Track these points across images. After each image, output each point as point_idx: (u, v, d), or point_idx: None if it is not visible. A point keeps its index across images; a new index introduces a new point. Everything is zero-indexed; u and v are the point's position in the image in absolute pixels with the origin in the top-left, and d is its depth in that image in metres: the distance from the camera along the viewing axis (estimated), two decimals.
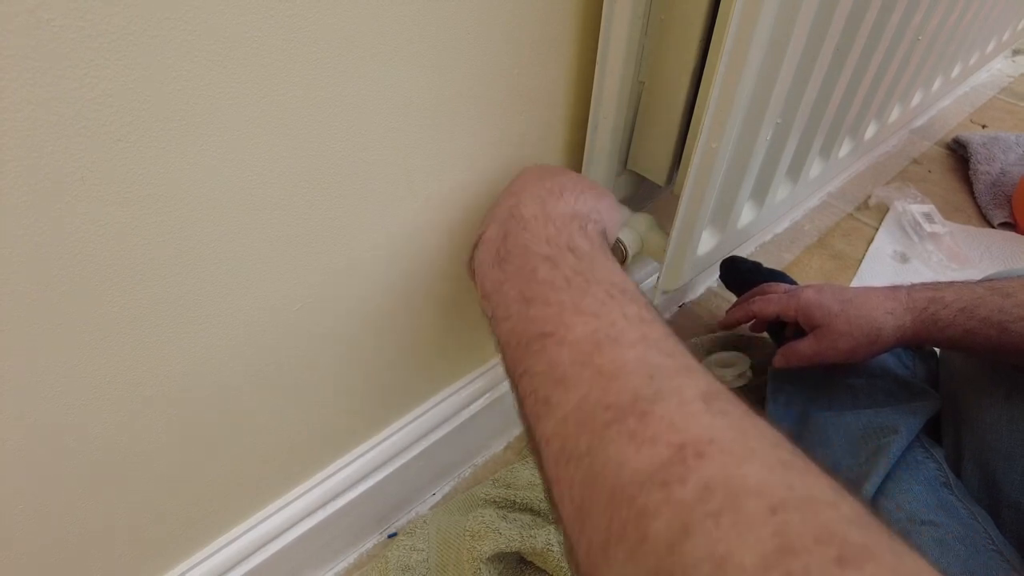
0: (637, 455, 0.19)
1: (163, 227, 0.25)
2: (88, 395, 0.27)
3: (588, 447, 0.20)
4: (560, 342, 0.23)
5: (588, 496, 0.19)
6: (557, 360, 0.23)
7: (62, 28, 0.19)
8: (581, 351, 0.23)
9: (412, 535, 0.50)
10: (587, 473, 0.20)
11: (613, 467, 0.19)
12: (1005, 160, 0.94)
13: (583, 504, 0.20)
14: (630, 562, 0.17)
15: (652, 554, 0.17)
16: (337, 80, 0.27)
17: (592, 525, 0.19)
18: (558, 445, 0.21)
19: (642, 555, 0.17)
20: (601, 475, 0.19)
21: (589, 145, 0.39)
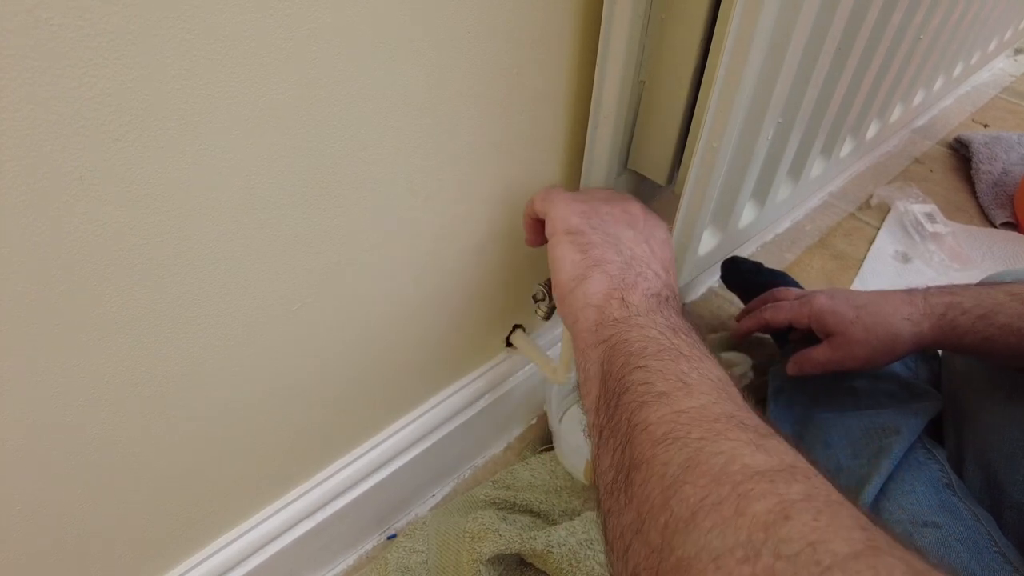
0: (751, 456, 0.20)
1: (162, 227, 0.25)
2: (87, 395, 0.27)
3: (700, 437, 0.21)
4: (694, 366, 0.25)
5: (684, 476, 0.20)
6: (687, 372, 0.24)
7: (60, 27, 0.19)
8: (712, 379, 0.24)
9: (412, 536, 0.50)
10: (691, 456, 0.20)
11: (723, 458, 0.20)
12: (1007, 159, 0.94)
13: (675, 482, 0.20)
14: (716, 529, 0.18)
15: (745, 527, 0.18)
16: (336, 79, 0.27)
17: (680, 499, 0.19)
18: (663, 430, 0.22)
19: (734, 527, 0.18)
20: (707, 462, 0.20)
21: (589, 145, 0.39)
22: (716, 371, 0.25)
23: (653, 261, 0.31)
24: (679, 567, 0.18)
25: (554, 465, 0.56)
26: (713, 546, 0.18)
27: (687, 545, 0.18)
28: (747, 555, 0.17)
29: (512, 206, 0.41)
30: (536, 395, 0.59)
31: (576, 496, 0.54)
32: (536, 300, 0.44)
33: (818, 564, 0.16)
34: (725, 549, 0.17)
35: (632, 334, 0.27)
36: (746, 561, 0.17)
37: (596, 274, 0.30)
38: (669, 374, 0.24)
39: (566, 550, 0.46)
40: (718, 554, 0.17)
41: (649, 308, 0.28)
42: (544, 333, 0.55)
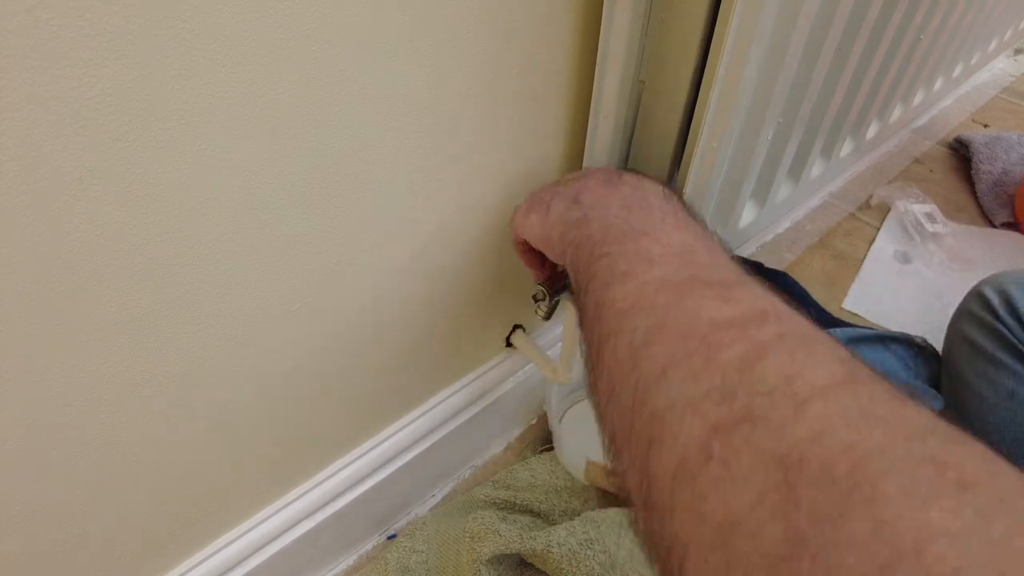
0: (718, 309, 0.20)
1: (162, 227, 0.25)
2: (87, 395, 0.27)
3: (665, 302, 0.21)
4: (655, 240, 0.25)
5: (651, 338, 0.20)
6: (648, 248, 0.24)
7: (60, 27, 0.19)
8: (674, 247, 0.24)
9: (412, 536, 0.50)
10: (657, 320, 0.20)
11: (689, 316, 0.20)
12: (1007, 159, 0.94)
13: (642, 344, 0.20)
14: (688, 380, 0.18)
15: (718, 372, 0.17)
16: (336, 79, 0.27)
17: (648, 357, 0.19)
18: (628, 303, 0.22)
19: (706, 374, 0.18)
20: (674, 321, 0.20)
21: (589, 145, 0.39)
22: (678, 235, 0.25)
23: (598, 174, 0.32)
24: (652, 419, 0.18)
25: (554, 465, 0.56)
26: (687, 394, 0.18)
27: (659, 398, 0.18)
28: (722, 396, 0.17)
29: (512, 206, 0.41)
30: (536, 395, 0.59)
31: (576, 496, 0.54)
32: (536, 300, 0.44)
33: (796, 396, 0.16)
34: (699, 395, 0.17)
35: (591, 228, 0.27)
36: (722, 402, 0.17)
37: (553, 203, 0.31)
38: (630, 254, 0.24)
39: (566, 550, 0.46)
40: (692, 400, 0.17)
41: (598, 197, 0.29)
42: (544, 333, 0.54)
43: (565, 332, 0.46)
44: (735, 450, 0.16)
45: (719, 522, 0.15)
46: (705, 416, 0.17)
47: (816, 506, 0.14)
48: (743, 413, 0.16)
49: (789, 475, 0.15)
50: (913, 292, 0.77)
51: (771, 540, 0.14)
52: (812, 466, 0.14)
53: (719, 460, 0.16)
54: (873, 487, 0.13)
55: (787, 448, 0.15)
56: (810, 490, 0.14)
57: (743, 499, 0.15)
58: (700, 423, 0.17)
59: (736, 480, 0.15)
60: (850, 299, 0.76)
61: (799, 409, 0.16)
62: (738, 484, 0.15)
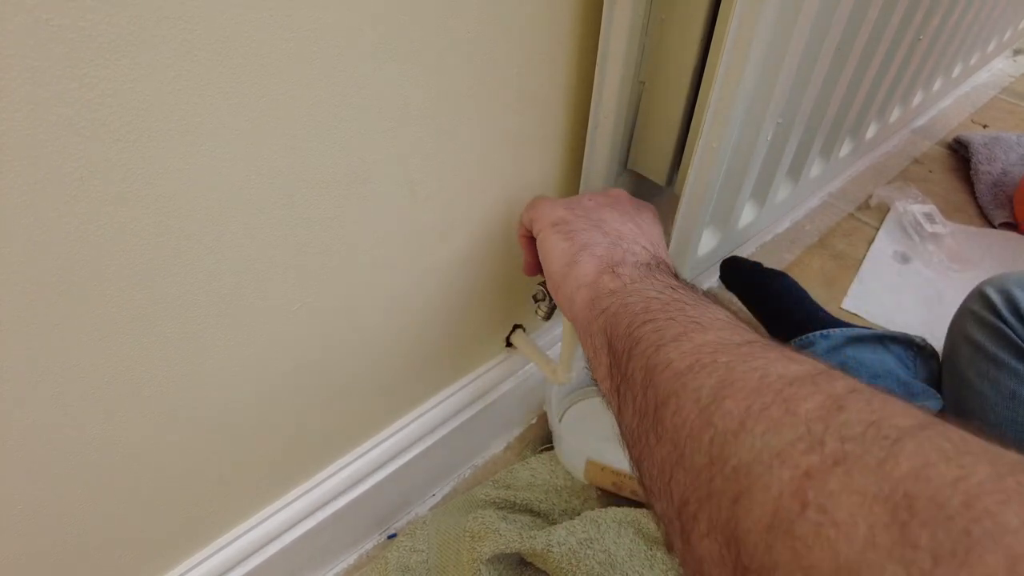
0: (786, 367, 0.19)
1: (162, 227, 0.25)
2: (87, 395, 0.27)
3: (728, 361, 0.20)
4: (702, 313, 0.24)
5: (721, 394, 0.19)
6: (696, 316, 0.23)
7: (61, 28, 0.19)
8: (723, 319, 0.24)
9: (412, 536, 0.50)
10: (723, 377, 0.20)
11: (759, 372, 0.19)
12: (1006, 160, 0.94)
13: (712, 402, 0.19)
14: (771, 431, 0.17)
15: (802, 422, 0.17)
16: (336, 79, 0.27)
17: (722, 414, 0.19)
18: (686, 363, 0.21)
19: (789, 424, 0.17)
20: (743, 378, 0.19)
21: (589, 145, 0.39)
22: (725, 313, 0.24)
23: (640, 236, 0.31)
24: (737, 475, 0.17)
25: (554, 465, 0.56)
26: (771, 445, 0.17)
27: (741, 452, 0.17)
28: (810, 445, 0.16)
29: (512, 206, 0.41)
30: (536, 395, 0.59)
31: (576, 496, 0.54)
32: (536, 300, 0.44)
33: (886, 438, 0.15)
34: (785, 444, 0.16)
35: (631, 299, 0.26)
36: (811, 451, 0.16)
37: (584, 256, 0.30)
38: (679, 320, 0.23)
39: (566, 549, 0.46)
40: (779, 450, 0.16)
41: (642, 276, 0.28)
42: (544, 333, 0.55)
43: (565, 332, 0.46)
44: (832, 494, 0.15)
45: (829, 572, 0.14)
46: (795, 465, 0.16)
47: (937, 544, 0.13)
48: (835, 457, 0.16)
49: (899, 514, 0.14)
50: (912, 292, 0.77)
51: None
52: (921, 502, 0.14)
53: (816, 506, 0.15)
54: (995, 519, 0.13)
55: (890, 487, 0.14)
56: (926, 528, 0.13)
57: (852, 545, 0.14)
58: (790, 472, 0.16)
59: (839, 525, 0.14)
60: (849, 299, 0.76)
61: (893, 448, 0.15)
62: (842, 529, 0.14)
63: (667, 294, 0.26)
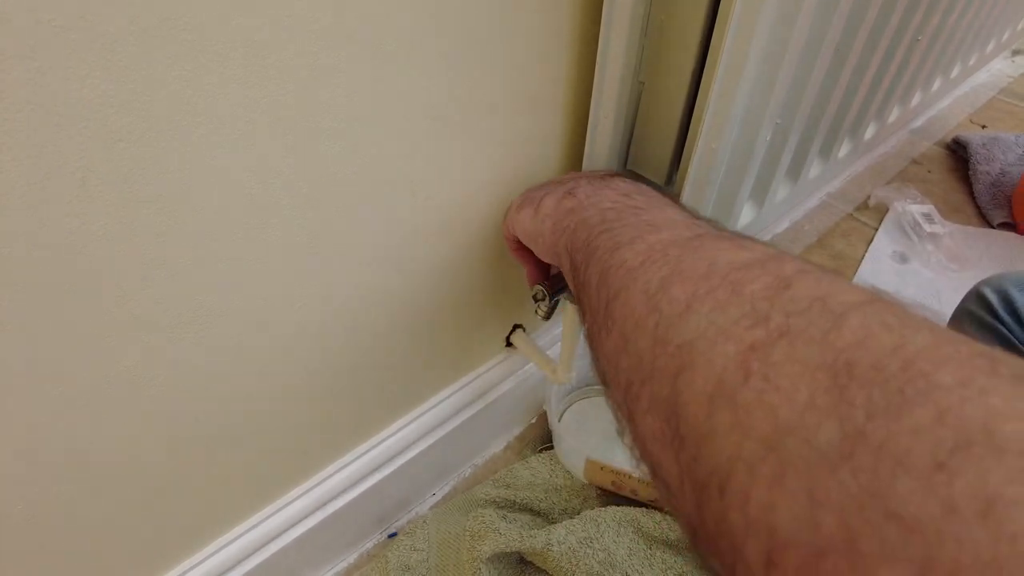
0: (735, 254, 0.19)
1: (162, 227, 0.25)
2: (87, 395, 0.27)
3: (678, 255, 0.20)
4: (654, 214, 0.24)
5: (669, 282, 0.19)
6: (650, 219, 0.24)
7: (63, 28, 0.19)
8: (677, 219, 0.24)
9: (412, 535, 0.50)
10: (673, 267, 0.20)
11: (706, 261, 0.19)
12: (1005, 160, 0.94)
13: (659, 290, 0.19)
14: (716, 310, 0.17)
15: (747, 300, 0.17)
16: (337, 80, 0.27)
17: (668, 299, 0.19)
18: (639, 260, 0.21)
19: (735, 303, 0.17)
20: (691, 267, 0.19)
21: (589, 145, 0.39)
22: (681, 213, 0.25)
23: (593, 176, 0.33)
24: (680, 352, 0.17)
25: (554, 464, 0.56)
26: (717, 322, 0.17)
27: (686, 331, 0.17)
28: (755, 321, 0.16)
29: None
30: (536, 395, 0.59)
31: (576, 495, 0.54)
32: (536, 300, 0.44)
33: (831, 312, 0.16)
34: (729, 322, 0.17)
35: (588, 212, 0.27)
36: (755, 326, 0.16)
37: (546, 199, 0.32)
38: (633, 224, 0.24)
39: (565, 548, 0.46)
40: (724, 327, 0.17)
41: (595, 189, 0.29)
42: (544, 333, 0.55)
43: (565, 332, 0.46)
44: (776, 364, 0.15)
45: (767, 433, 0.14)
46: (739, 339, 0.16)
47: (872, 402, 0.13)
48: (780, 330, 0.16)
49: (839, 379, 0.14)
50: (911, 292, 0.77)
51: (828, 440, 0.13)
52: (861, 367, 0.14)
53: (760, 376, 0.15)
54: (928, 380, 0.13)
55: (832, 356, 0.15)
56: (863, 388, 0.14)
57: (792, 407, 0.14)
58: (735, 346, 0.16)
59: (781, 390, 0.15)
60: None
61: (837, 321, 0.15)
62: (784, 393, 0.15)
63: (621, 202, 0.26)
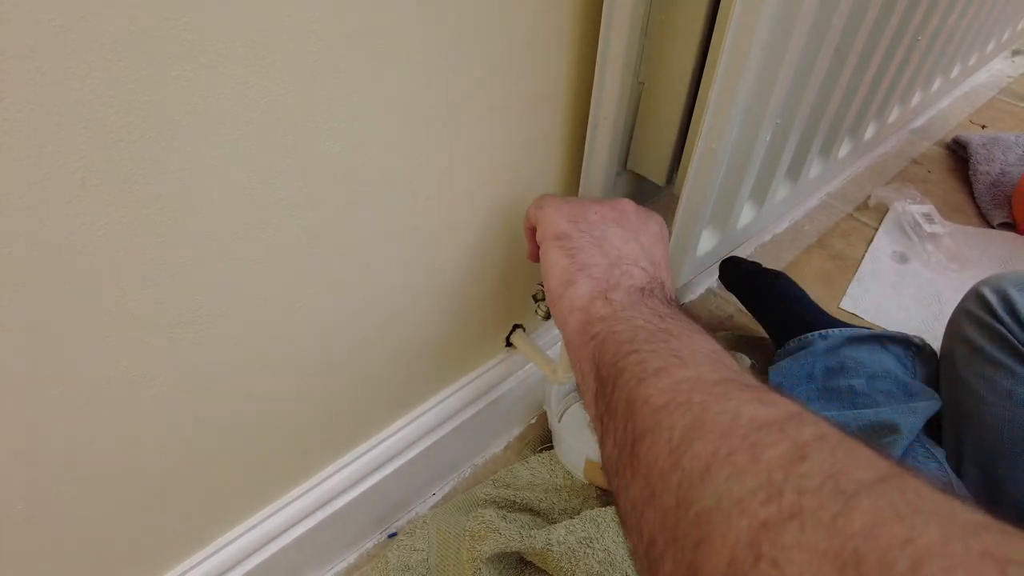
0: (756, 409, 0.19)
1: (163, 227, 0.25)
2: (87, 395, 0.27)
3: (702, 400, 0.21)
4: (685, 344, 0.25)
5: (691, 435, 0.20)
6: (679, 349, 0.24)
7: (63, 28, 0.19)
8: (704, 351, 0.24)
9: (412, 535, 0.50)
10: (696, 417, 0.20)
11: (729, 415, 0.20)
12: (1005, 160, 0.94)
13: (682, 443, 0.20)
14: (734, 478, 0.18)
15: (764, 471, 0.17)
16: (337, 80, 0.27)
17: (690, 456, 0.19)
18: (663, 400, 0.21)
19: (752, 472, 0.17)
20: (714, 420, 0.20)
21: (589, 145, 0.39)
22: (708, 345, 0.25)
23: (641, 258, 0.32)
24: (699, 520, 0.18)
25: (554, 464, 0.56)
26: (733, 493, 0.17)
27: (705, 497, 0.18)
28: (769, 495, 0.17)
29: (512, 206, 0.41)
30: (536, 394, 0.59)
31: (575, 495, 0.54)
32: (536, 300, 0.44)
33: (843, 492, 0.16)
34: (746, 493, 0.17)
35: (620, 326, 0.27)
36: (769, 501, 0.16)
37: (582, 278, 0.30)
38: (662, 352, 0.24)
39: (565, 548, 0.46)
40: (739, 499, 0.17)
41: (633, 302, 0.29)
42: (544, 333, 0.55)
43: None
44: (785, 548, 0.15)
45: None
46: (753, 514, 0.16)
47: None
48: (792, 510, 0.16)
49: (846, 572, 0.14)
50: (911, 292, 0.77)
51: None
52: (869, 563, 0.14)
53: (769, 559, 0.15)
54: None
55: (840, 544, 0.15)
56: None
57: None
58: (748, 521, 0.16)
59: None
60: (848, 299, 0.76)
61: (848, 503, 0.15)
62: None
63: (654, 323, 0.27)
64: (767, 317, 0.66)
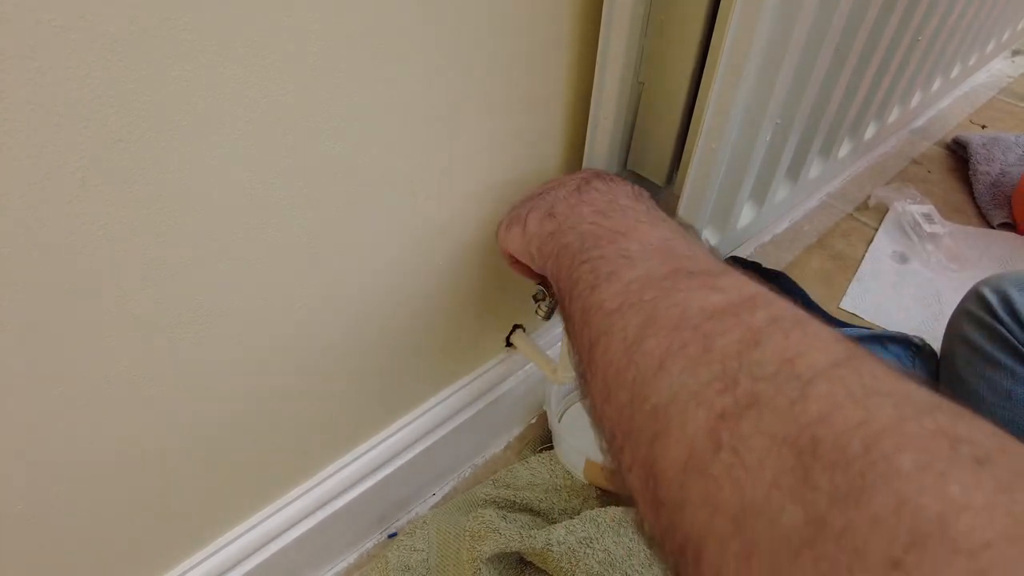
0: (707, 298, 0.19)
1: (163, 227, 0.25)
2: (87, 395, 0.27)
3: (653, 297, 0.21)
4: (633, 239, 0.24)
5: (644, 333, 0.20)
6: (627, 247, 0.24)
7: (63, 28, 0.19)
8: (653, 243, 0.24)
9: (412, 535, 0.50)
10: (648, 315, 0.20)
11: (679, 308, 0.19)
12: (1005, 160, 0.94)
13: (635, 340, 0.20)
14: (688, 370, 0.17)
15: (717, 360, 0.17)
16: (337, 80, 0.27)
17: (643, 353, 0.19)
18: (616, 303, 0.22)
19: (705, 362, 0.17)
20: (665, 315, 0.20)
21: (589, 145, 0.39)
22: (655, 232, 0.25)
23: (569, 180, 0.33)
24: (655, 413, 0.18)
25: (554, 464, 0.56)
26: (688, 385, 0.17)
27: (660, 391, 0.18)
28: (725, 385, 0.16)
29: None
30: (536, 395, 0.59)
31: (575, 495, 0.54)
32: (536, 300, 0.44)
33: (799, 378, 0.16)
34: (700, 384, 0.17)
35: (567, 237, 0.27)
36: (724, 391, 0.16)
37: (529, 218, 0.32)
38: (609, 256, 0.24)
39: (565, 548, 0.46)
40: (695, 391, 0.17)
41: (570, 207, 0.29)
42: (544, 333, 0.55)
43: (565, 332, 0.46)
44: (745, 437, 0.15)
45: (735, 511, 0.15)
46: (710, 405, 0.16)
47: (834, 486, 0.13)
48: (748, 399, 0.16)
49: (803, 457, 0.14)
50: (911, 292, 0.77)
51: (791, 524, 0.14)
52: (825, 446, 0.14)
53: (729, 448, 0.15)
54: (889, 463, 0.13)
55: (798, 430, 0.15)
56: (826, 471, 0.14)
57: (758, 486, 0.15)
58: (705, 413, 0.16)
59: (749, 467, 0.15)
60: (848, 299, 0.76)
61: (804, 390, 0.15)
62: (751, 471, 0.15)
63: (598, 223, 0.27)
64: None
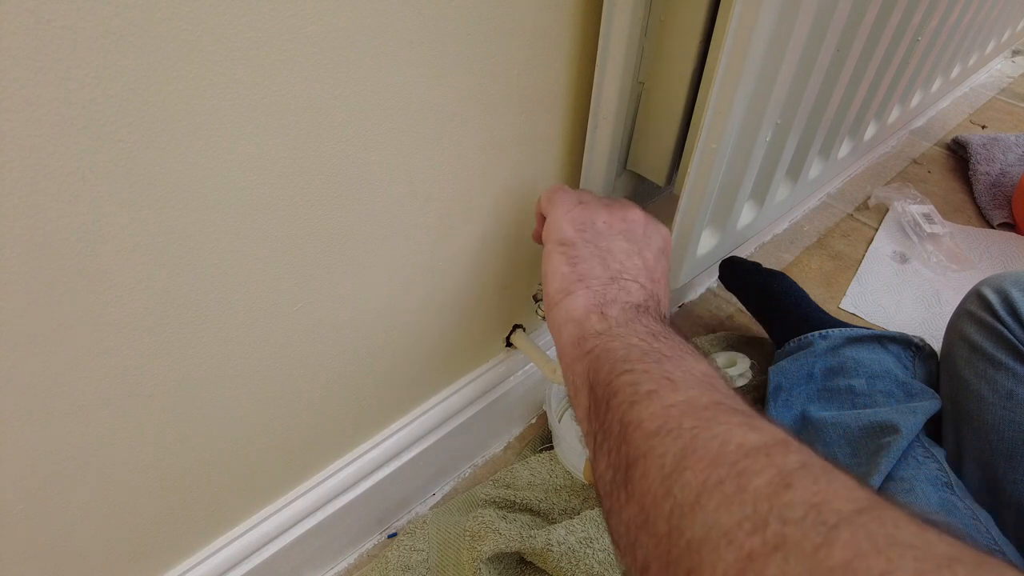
0: (744, 435, 0.20)
1: (163, 227, 0.25)
2: (87, 395, 0.27)
3: (693, 426, 0.21)
4: (677, 365, 0.25)
5: (682, 463, 0.20)
6: (671, 371, 0.25)
7: (63, 28, 0.19)
8: (695, 375, 0.25)
9: (412, 535, 0.50)
10: (687, 444, 0.21)
11: (718, 441, 0.20)
12: (1005, 161, 0.94)
13: (674, 471, 0.20)
14: (722, 508, 0.18)
15: (749, 501, 0.18)
16: (337, 80, 0.27)
17: (681, 485, 0.20)
18: (655, 425, 0.22)
19: (738, 502, 0.18)
20: (704, 447, 0.20)
21: (589, 145, 0.39)
22: (700, 367, 0.26)
23: (641, 274, 0.32)
24: (690, 549, 0.18)
25: (553, 464, 0.56)
26: (721, 523, 0.18)
27: (696, 527, 0.19)
28: (755, 526, 0.17)
29: (512, 206, 0.41)
30: (536, 394, 0.59)
31: (575, 495, 0.54)
32: (536, 300, 0.45)
33: (824, 523, 0.16)
34: (733, 524, 0.18)
35: (614, 344, 0.27)
36: (755, 532, 0.17)
37: (580, 289, 0.30)
38: (654, 374, 0.25)
39: (565, 548, 0.46)
40: (727, 529, 0.18)
41: (628, 319, 0.29)
42: (544, 333, 0.55)
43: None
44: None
45: None
46: (740, 546, 0.17)
47: None
48: (776, 541, 0.17)
49: None
50: (911, 292, 0.77)
51: None
52: None
53: None
54: None
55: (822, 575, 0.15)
56: None
57: None
58: (735, 553, 0.17)
59: None
60: (848, 299, 0.76)
61: (829, 536, 0.16)
62: None
63: (648, 342, 0.27)
64: (767, 317, 0.66)
